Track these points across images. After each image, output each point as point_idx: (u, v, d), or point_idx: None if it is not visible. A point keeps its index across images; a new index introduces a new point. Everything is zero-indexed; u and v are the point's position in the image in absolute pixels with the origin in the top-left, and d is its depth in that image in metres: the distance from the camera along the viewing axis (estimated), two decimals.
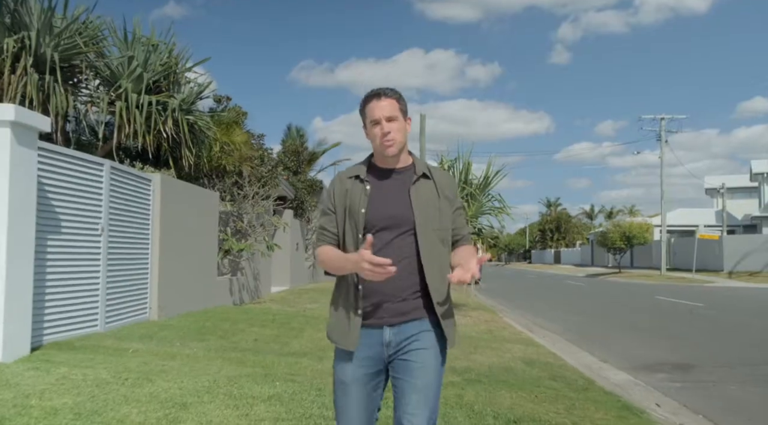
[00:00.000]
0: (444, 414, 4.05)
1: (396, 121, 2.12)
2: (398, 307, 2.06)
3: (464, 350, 7.13)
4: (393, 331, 2.06)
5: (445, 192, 2.17)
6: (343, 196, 2.16)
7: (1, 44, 7.80)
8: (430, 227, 2.09)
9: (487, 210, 11.90)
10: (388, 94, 2.15)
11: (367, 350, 2.07)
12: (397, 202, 2.11)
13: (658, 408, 5.25)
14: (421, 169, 2.18)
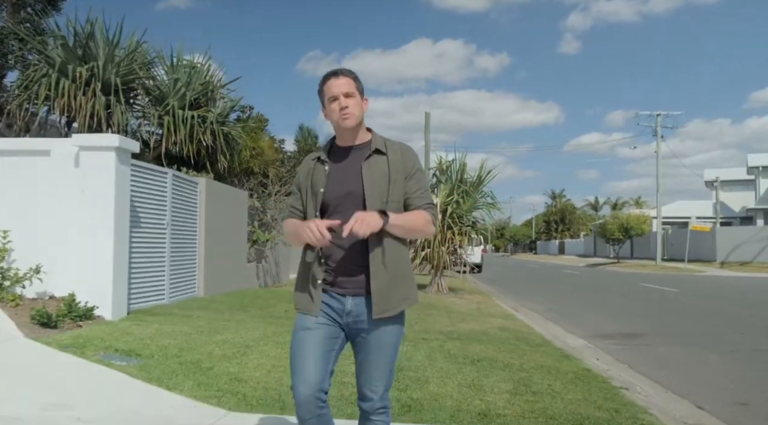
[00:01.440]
0: (428, 356, 5.76)
1: (353, 97, 2.23)
2: (358, 280, 2.20)
3: (453, 320, 8.85)
4: (355, 301, 2.21)
5: (397, 165, 2.25)
6: (306, 177, 2.31)
7: (76, 72, 9.53)
8: (379, 200, 2.17)
9: (480, 206, 13.58)
10: (345, 73, 2.27)
11: (330, 310, 2.23)
12: (351, 178, 2.21)
13: (596, 360, 6.92)
14: (375, 144, 2.27)
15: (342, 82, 2.23)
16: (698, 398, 5.19)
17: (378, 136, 2.34)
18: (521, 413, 4.09)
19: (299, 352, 2.20)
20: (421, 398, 4.33)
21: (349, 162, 2.25)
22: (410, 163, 2.27)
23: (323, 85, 2.26)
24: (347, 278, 2.21)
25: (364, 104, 2.29)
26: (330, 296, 2.23)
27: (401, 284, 2.24)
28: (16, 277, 6.30)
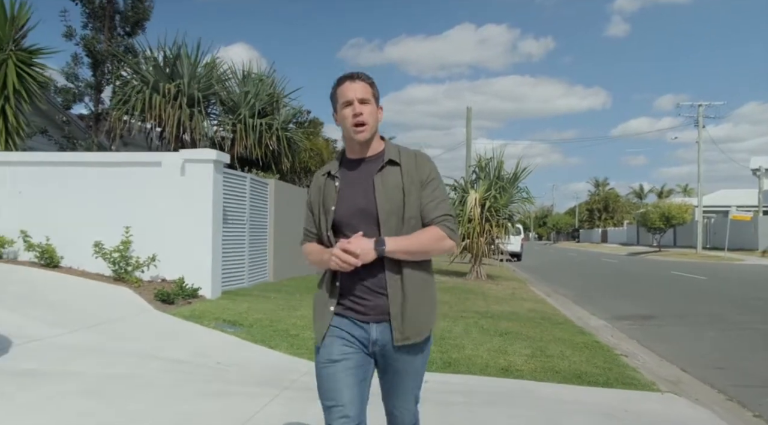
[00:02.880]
0: (465, 329, 7.15)
1: (368, 104, 2.07)
2: (377, 306, 2.04)
3: (488, 303, 10.19)
4: (379, 328, 2.05)
5: (411, 174, 2.07)
6: (318, 194, 2.16)
7: (165, 89, 11.18)
8: (395, 216, 2.02)
9: (516, 200, 14.82)
10: (362, 77, 2.11)
11: (354, 339, 2.06)
12: (363, 194, 2.05)
13: (610, 337, 8.17)
14: (389, 155, 2.10)
15: (358, 87, 2.08)
16: (685, 364, 6.42)
17: (391, 145, 2.16)
18: (534, 369, 5.45)
19: (329, 386, 2.01)
20: (459, 358, 5.73)
21: (360, 176, 2.09)
22: (425, 170, 2.09)
23: (337, 88, 2.11)
24: (368, 304, 2.04)
25: (379, 113, 2.14)
26: (353, 324, 2.06)
27: (423, 308, 2.08)
28: (137, 264, 7.94)
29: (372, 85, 2.12)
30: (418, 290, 2.06)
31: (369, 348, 2.08)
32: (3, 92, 8.49)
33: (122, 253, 7.85)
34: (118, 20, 12.27)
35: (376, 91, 2.14)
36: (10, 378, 3.99)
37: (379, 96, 2.15)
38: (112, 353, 4.95)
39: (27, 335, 4.98)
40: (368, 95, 2.09)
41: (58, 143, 11.97)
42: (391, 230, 2.01)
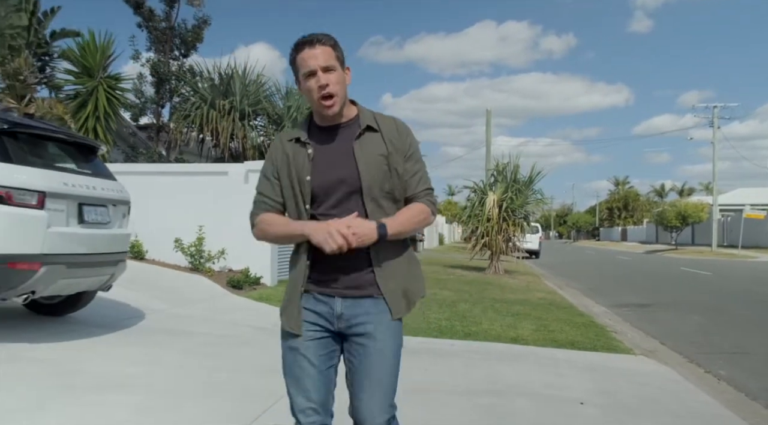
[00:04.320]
0: (482, 311, 8.63)
1: (334, 71, 1.87)
2: (349, 280, 1.91)
3: (504, 292, 11.65)
4: (345, 304, 1.92)
5: (394, 143, 1.94)
6: (284, 162, 1.95)
7: (220, 105, 12.81)
8: (378, 187, 1.90)
9: (531, 201, 16.23)
10: (323, 40, 1.88)
11: (317, 318, 1.93)
12: (341, 162, 1.90)
13: (608, 320, 9.57)
14: (366, 121, 1.94)
15: (319, 53, 1.87)
16: (665, 339, 7.80)
17: (365, 109, 2.01)
18: (537, 339, 6.90)
19: (293, 375, 1.95)
20: (477, 330, 7.21)
21: (336, 143, 1.94)
22: (407, 140, 1.98)
23: (296, 55, 1.91)
24: (336, 277, 1.91)
25: (346, 77, 1.94)
26: (315, 300, 1.94)
27: (408, 280, 2.02)
28: (209, 256, 9.55)
29: (335, 47, 1.91)
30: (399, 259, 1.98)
31: (334, 325, 1.94)
32: (95, 114, 10.14)
33: (197, 247, 9.45)
34: (176, 43, 13.93)
35: (340, 53, 1.93)
36: (156, 335, 5.57)
37: (344, 57, 1.95)
38: (214, 321, 6.53)
39: (150, 307, 6.57)
40: (332, 61, 1.88)
41: (124, 152, 13.64)
42: (375, 201, 1.90)
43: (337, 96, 1.89)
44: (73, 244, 4.47)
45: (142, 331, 5.61)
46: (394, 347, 1.98)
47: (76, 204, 4.53)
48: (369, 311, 1.93)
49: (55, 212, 4.28)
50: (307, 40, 1.89)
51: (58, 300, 5.29)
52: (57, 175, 4.44)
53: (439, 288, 11.47)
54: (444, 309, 8.67)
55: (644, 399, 4.65)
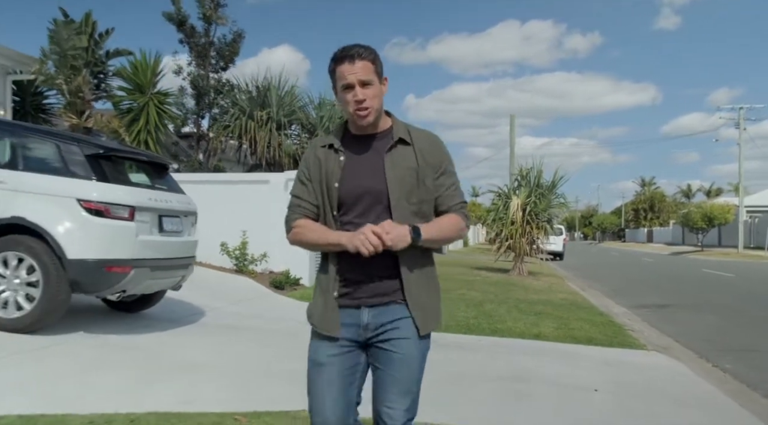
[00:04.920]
0: (507, 310, 9.24)
1: (371, 86, 1.93)
2: (375, 287, 1.96)
3: (527, 293, 12.23)
4: (372, 313, 1.97)
5: (426, 158, 1.98)
6: (317, 166, 2.00)
7: (258, 116, 13.61)
8: (406, 200, 1.94)
9: (554, 205, 16.78)
10: (363, 55, 1.93)
11: (344, 331, 1.98)
12: (371, 173, 1.95)
13: (627, 320, 10.11)
14: (398, 133, 1.99)
15: (358, 68, 1.90)
16: (680, 338, 8.34)
17: (400, 122, 2.05)
18: (558, 336, 7.51)
19: (314, 390, 2.00)
20: (503, 328, 7.83)
21: (368, 153, 1.97)
22: (440, 155, 2.02)
23: (335, 67, 1.95)
24: (362, 286, 1.96)
25: (384, 87, 1.99)
26: (343, 313, 1.98)
27: (433, 293, 2.07)
28: (252, 259, 10.32)
29: (374, 61, 1.96)
30: (424, 271, 2.02)
31: (361, 336, 1.99)
32: (146, 127, 10.99)
33: (241, 251, 10.23)
34: (215, 57, 14.78)
35: (379, 67, 1.97)
36: (219, 329, 6.31)
37: (382, 70, 1.99)
38: (263, 317, 7.27)
39: (208, 305, 7.33)
40: (370, 75, 1.93)
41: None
42: (402, 212, 1.92)
43: (372, 108, 1.94)
44: (155, 250, 5.22)
45: (206, 325, 6.36)
46: (418, 353, 2.01)
47: (157, 216, 5.28)
48: (394, 317, 1.97)
49: (141, 223, 5.04)
50: (347, 55, 1.92)
51: (133, 299, 6.06)
52: (143, 191, 5.20)
53: (466, 289, 12.10)
54: (471, 309, 9.31)
55: (651, 387, 5.25)
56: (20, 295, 4.75)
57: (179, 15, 13.75)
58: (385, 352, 1.98)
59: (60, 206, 4.75)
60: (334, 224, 1.97)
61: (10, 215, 4.71)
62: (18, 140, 5.09)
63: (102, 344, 4.97)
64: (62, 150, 4.98)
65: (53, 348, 4.62)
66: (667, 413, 4.48)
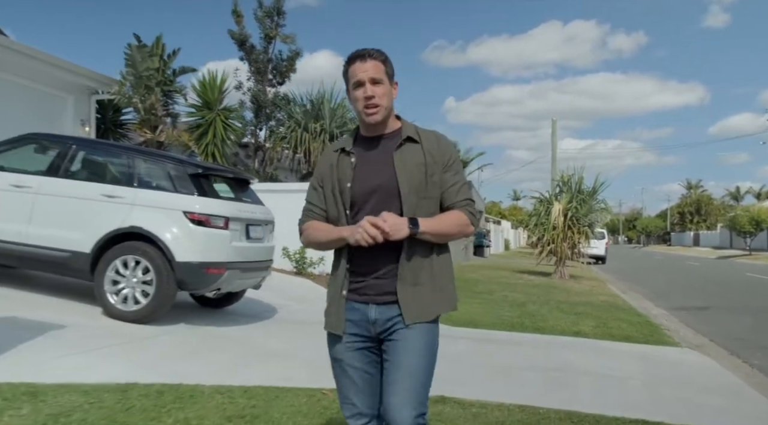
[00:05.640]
0: (549, 310, 9.88)
1: (381, 84, 2.02)
2: (382, 285, 2.04)
3: (569, 295, 12.80)
4: (379, 310, 2.05)
5: (434, 155, 2.05)
6: (329, 170, 2.10)
7: (312, 128, 14.54)
8: (415, 195, 2.01)
9: (595, 210, 17.25)
10: (374, 55, 2.04)
11: (354, 327, 2.07)
12: (381, 170, 2.03)
13: (664, 321, 10.61)
14: (407, 132, 2.07)
15: (369, 67, 2.02)
16: (714, 337, 8.83)
17: (408, 123, 2.13)
18: (597, 334, 8.13)
19: (341, 384, 2.14)
20: (544, 326, 8.49)
21: (378, 153, 2.07)
22: (447, 152, 2.08)
23: (348, 67, 2.06)
24: (369, 284, 2.06)
25: (394, 90, 2.08)
26: (353, 309, 2.08)
27: (437, 287, 2.09)
28: (310, 262, 11.20)
29: (385, 62, 2.06)
30: (430, 269, 2.06)
31: (371, 331, 2.08)
32: (213, 140, 12.01)
33: (301, 255, 11.12)
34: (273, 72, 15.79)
35: (389, 68, 2.07)
36: (294, 324, 7.18)
37: (393, 72, 2.09)
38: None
39: (278, 303, 8.22)
40: (380, 74, 2.03)
41: None
42: (411, 208, 1.99)
43: (381, 106, 2.03)
44: (244, 254, 6.10)
45: (282, 320, 7.24)
46: (423, 346, 2.06)
47: (245, 225, 6.16)
48: (398, 313, 2.05)
49: (233, 231, 5.92)
50: (359, 54, 2.05)
51: (220, 296, 6.97)
52: (234, 204, 6.08)
53: (509, 291, 12.77)
54: (515, 309, 9.98)
55: (681, 378, 5.87)
56: (137, 291, 5.69)
57: (241, 34, 14.80)
58: (393, 343, 2.07)
59: (169, 217, 5.68)
60: (346, 221, 2.07)
61: (129, 224, 5.64)
62: (134, 162, 6.06)
63: (202, 333, 5.87)
64: (170, 170, 5.92)
65: (165, 336, 5.53)
66: (692, 398, 5.10)
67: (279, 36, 14.25)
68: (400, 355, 2.04)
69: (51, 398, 3.45)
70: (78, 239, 5.70)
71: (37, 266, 6.05)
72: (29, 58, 9.60)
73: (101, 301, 5.72)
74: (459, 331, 7.76)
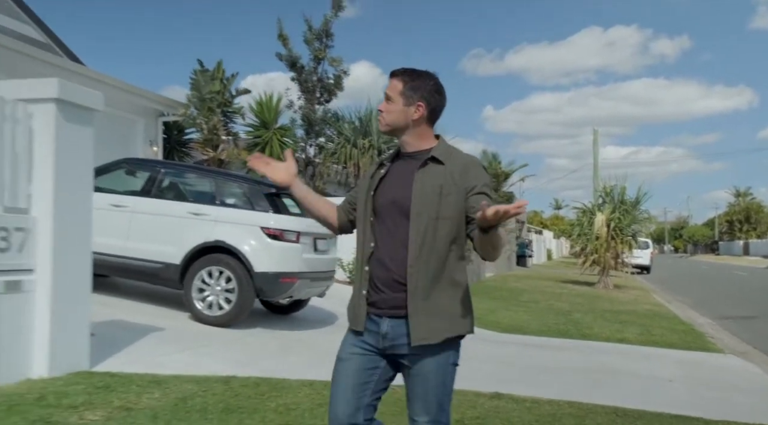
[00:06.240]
0: (593, 319, 10.27)
1: (392, 102, 2.16)
2: (393, 299, 2.09)
3: (613, 305, 13.11)
4: (390, 324, 2.10)
5: (455, 178, 2.08)
6: (365, 179, 2.28)
7: (361, 144, 15.23)
8: (426, 215, 2.05)
9: (639, 220, 17.47)
10: (397, 73, 2.19)
11: (368, 335, 2.14)
12: (401, 186, 2.12)
13: (709, 329, 10.84)
14: (434, 153, 2.14)
15: (389, 84, 2.19)
16: (758, 344, 9.07)
17: (444, 144, 2.20)
18: (640, 341, 8.50)
19: (332, 383, 2.20)
20: (590, 333, 8.90)
21: (404, 170, 2.16)
22: (473, 177, 2.09)
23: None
24: (384, 297, 2.10)
25: (414, 111, 2.14)
26: (369, 319, 2.14)
27: (446, 309, 2.09)
28: None
29: (406, 82, 2.16)
30: (443, 289, 2.09)
31: (380, 344, 2.13)
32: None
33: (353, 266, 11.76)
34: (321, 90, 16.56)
35: (408, 90, 2.15)
36: None
37: (418, 94, 2.16)
38: None
39: (337, 311, 8.84)
40: (393, 93, 2.16)
41: None
42: (421, 225, 2.05)
43: (385, 120, 2.20)
44: (313, 265, 6.75)
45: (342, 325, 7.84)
46: (434, 367, 2.10)
47: (313, 239, 6.82)
48: (406, 332, 2.08)
49: (304, 245, 6.58)
50: (391, 72, 2.23)
51: (288, 303, 7.64)
52: (304, 219, 6.73)
53: (554, 300, 13.16)
54: (560, 317, 10.40)
55: (721, 381, 6.25)
56: (221, 298, 6.39)
57: (291, 56, 15.62)
58: (404, 367, 2.15)
59: (248, 232, 6.37)
60: (370, 228, 2.19)
61: (214, 239, 6.36)
62: (217, 183, 6.81)
63: (277, 336, 6.54)
64: (247, 190, 6.65)
65: (249, 337, 6.21)
66: (731, 398, 5.49)
67: (327, 59, 15.00)
68: (414, 382, 2.14)
69: (173, 386, 4.12)
70: (169, 252, 6.45)
71: (135, 276, 6.82)
72: (109, 86, 10.53)
73: (189, 307, 6.45)
74: (507, 337, 8.27)
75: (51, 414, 3.36)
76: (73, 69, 10.29)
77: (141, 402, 3.72)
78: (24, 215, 3.97)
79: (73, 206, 4.20)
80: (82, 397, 3.69)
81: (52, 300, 4.02)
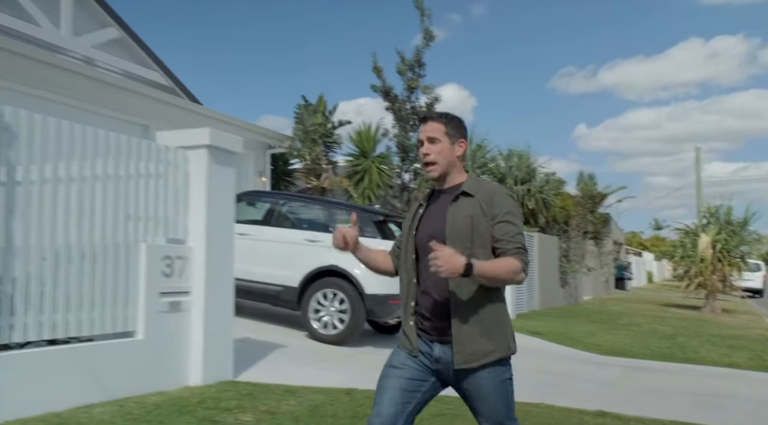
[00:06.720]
0: (699, 343, 10.05)
1: (437, 143, 2.25)
2: (442, 326, 2.23)
3: (720, 329, 12.66)
4: (442, 349, 2.23)
5: (484, 207, 2.20)
6: (408, 219, 2.43)
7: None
8: (461, 244, 2.15)
9: (747, 242, 16.72)
10: (434, 117, 2.30)
11: (423, 356, 2.28)
12: (437, 220, 2.26)
13: None
14: (465, 187, 2.26)
15: (428, 127, 2.28)
16: None
17: (473, 178, 2.33)
18: (751, 366, 8.28)
19: (379, 386, 2.29)
20: (695, 357, 8.76)
21: (439, 205, 2.30)
22: (498, 205, 2.21)
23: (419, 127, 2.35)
24: (433, 324, 2.25)
25: (458, 148, 2.29)
26: (422, 341, 2.28)
27: (486, 334, 2.21)
28: None
29: (447, 124, 2.28)
30: (483, 315, 2.19)
31: (434, 366, 2.25)
32: (369, 185, 13.47)
33: None
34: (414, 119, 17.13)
35: (451, 129, 2.28)
36: None
37: (459, 132, 2.30)
38: None
39: None
40: (438, 134, 2.25)
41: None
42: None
43: (437, 164, 2.28)
44: None
45: None
46: (492, 387, 2.24)
47: None
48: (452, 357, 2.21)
49: None
50: (422, 117, 2.36)
51: (395, 323, 8.11)
52: None
53: (657, 324, 12.89)
54: (664, 341, 10.25)
55: None
56: (335, 318, 6.95)
57: (384, 87, 16.34)
58: (461, 388, 2.28)
59: None
60: (413, 264, 2.33)
61: (328, 263, 6.96)
62: (329, 212, 7.45)
63: (386, 354, 6.95)
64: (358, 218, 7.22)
65: (362, 355, 6.72)
66: None
67: (420, 87, 15.58)
68: (474, 404, 2.28)
69: (304, 395, 4.66)
70: (288, 276, 7.11)
71: (258, 298, 7.53)
72: (224, 123, 11.57)
73: (306, 326, 7.05)
74: (609, 359, 8.32)
75: (213, 415, 3.97)
76: (195, 109, 11.40)
77: (281, 408, 4.28)
78: (182, 245, 4.68)
79: (220, 237, 4.88)
80: (234, 402, 4.30)
81: (204, 318, 4.69)
